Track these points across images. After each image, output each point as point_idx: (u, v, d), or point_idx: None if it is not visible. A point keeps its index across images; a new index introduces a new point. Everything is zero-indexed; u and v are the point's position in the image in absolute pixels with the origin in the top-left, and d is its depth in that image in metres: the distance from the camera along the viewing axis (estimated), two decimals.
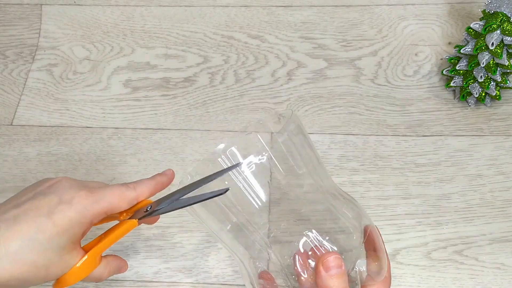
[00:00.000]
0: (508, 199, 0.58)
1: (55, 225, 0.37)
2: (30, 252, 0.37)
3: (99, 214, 0.39)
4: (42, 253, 0.37)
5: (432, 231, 0.56)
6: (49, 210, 0.38)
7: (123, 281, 0.54)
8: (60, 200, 0.38)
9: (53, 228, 0.37)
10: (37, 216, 0.37)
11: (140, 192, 0.42)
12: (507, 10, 0.56)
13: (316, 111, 0.65)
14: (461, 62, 0.61)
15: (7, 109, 0.67)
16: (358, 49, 0.69)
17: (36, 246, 0.37)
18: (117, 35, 0.72)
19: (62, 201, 0.38)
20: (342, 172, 0.60)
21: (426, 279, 0.54)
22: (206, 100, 0.66)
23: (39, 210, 0.38)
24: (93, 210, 0.39)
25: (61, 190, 0.39)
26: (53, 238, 0.37)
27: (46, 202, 0.38)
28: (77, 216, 0.38)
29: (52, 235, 0.37)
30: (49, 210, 0.38)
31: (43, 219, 0.37)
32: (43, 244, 0.37)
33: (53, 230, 0.37)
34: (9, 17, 0.75)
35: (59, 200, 0.38)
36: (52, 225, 0.37)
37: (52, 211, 0.38)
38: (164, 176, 0.44)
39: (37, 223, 0.37)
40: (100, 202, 0.39)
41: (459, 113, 0.64)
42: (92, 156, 0.62)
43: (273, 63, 0.69)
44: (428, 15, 0.72)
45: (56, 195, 0.39)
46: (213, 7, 0.74)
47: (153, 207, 0.41)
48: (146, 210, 0.41)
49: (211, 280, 0.54)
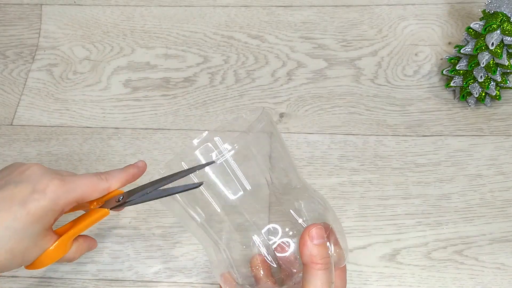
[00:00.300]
0: (508, 199, 0.58)
1: (29, 214, 0.38)
2: (8, 240, 0.38)
3: (71, 203, 0.41)
4: (18, 241, 0.38)
5: (432, 231, 0.56)
6: (23, 199, 0.39)
7: (123, 281, 0.54)
8: (34, 189, 0.39)
9: (27, 216, 0.38)
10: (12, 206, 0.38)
11: (112, 183, 0.43)
12: (507, 10, 0.56)
13: (316, 111, 0.65)
14: (461, 62, 0.61)
15: (7, 109, 0.67)
16: (358, 49, 0.69)
17: (12, 235, 0.38)
18: (117, 35, 0.72)
19: (36, 190, 0.39)
20: (342, 172, 0.60)
21: (426, 279, 0.54)
22: (206, 100, 0.66)
23: (14, 200, 0.38)
24: (66, 199, 0.40)
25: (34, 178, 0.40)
26: (28, 227, 0.38)
27: (19, 190, 0.39)
28: (50, 205, 0.39)
29: (27, 224, 0.38)
30: (23, 199, 0.38)
31: (18, 208, 0.38)
32: (19, 232, 0.38)
33: (28, 219, 0.38)
34: (9, 17, 0.75)
35: (32, 189, 0.39)
36: (26, 214, 0.38)
37: (26, 200, 0.38)
38: (135, 168, 0.46)
39: (12, 212, 0.38)
40: (73, 191, 0.40)
41: (459, 113, 0.64)
42: (92, 156, 0.62)
43: (273, 63, 0.69)
44: (428, 15, 0.72)
45: (29, 183, 0.40)
46: (213, 7, 0.74)
47: (124, 198, 0.43)
48: (118, 200, 0.43)
49: (211, 280, 0.54)
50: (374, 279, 0.54)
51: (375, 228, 0.56)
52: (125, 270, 0.55)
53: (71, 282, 0.54)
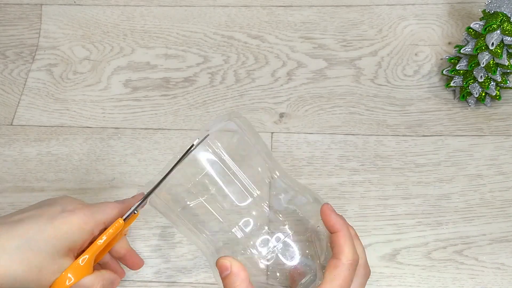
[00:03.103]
0: (508, 199, 0.58)
1: (55, 228, 0.40)
2: (27, 251, 0.38)
3: (99, 224, 0.42)
4: (38, 253, 0.39)
5: (432, 231, 0.56)
6: (52, 215, 0.40)
7: (123, 281, 0.54)
8: (63, 209, 0.41)
9: (52, 230, 0.40)
10: (40, 220, 0.40)
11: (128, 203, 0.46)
12: (507, 10, 0.56)
13: (316, 111, 0.65)
14: (461, 62, 0.61)
15: (7, 109, 0.67)
16: (358, 49, 0.69)
17: (33, 246, 0.39)
18: (117, 35, 0.72)
19: (65, 210, 0.41)
20: (342, 172, 0.60)
21: (426, 279, 0.54)
22: (206, 100, 0.66)
23: (42, 216, 0.40)
24: (93, 219, 0.42)
25: (65, 202, 0.43)
26: (51, 240, 0.39)
27: (49, 209, 0.41)
28: (79, 222, 0.41)
29: (50, 237, 0.39)
30: (51, 216, 0.40)
31: (44, 222, 0.40)
32: (40, 244, 0.39)
33: (52, 232, 0.39)
34: (9, 17, 0.75)
35: (62, 209, 0.41)
36: (51, 228, 0.40)
37: (54, 217, 0.40)
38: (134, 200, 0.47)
39: (38, 225, 0.39)
40: (99, 212, 0.43)
41: (459, 113, 0.64)
42: (92, 156, 0.62)
43: (273, 63, 0.69)
44: (428, 15, 0.72)
45: (60, 205, 0.42)
46: (213, 7, 0.74)
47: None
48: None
49: (211, 280, 0.54)
50: (374, 279, 0.54)
51: (375, 228, 0.56)
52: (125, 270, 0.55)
53: None
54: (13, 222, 0.40)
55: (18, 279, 0.38)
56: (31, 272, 0.39)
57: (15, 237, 0.38)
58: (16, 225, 0.39)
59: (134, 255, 0.48)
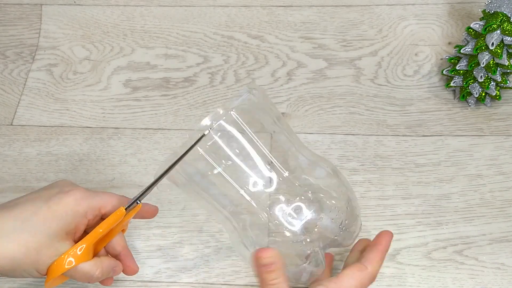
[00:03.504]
0: (508, 199, 0.58)
1: (50, 209, 0.40)
2: (24, 232, 0.39)
3: (94, 208, 0.42)
4: (34, 234, 0.39)
5: (432, 231, 0.56)
6: (48, 197, 0.41)
7: (123, 281, 0.54)
8: (60, 190, 0.41)
9: (47, 211, 0.40)
10: (35, 202, 0.40)
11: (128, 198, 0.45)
12: (507, 10, 0.56)
13: (316, 111, 0.65)
14: (461, 62, 0.61)
15: (7, 109, 0.67)
16: (358, 49, 0.69)
17: (29, 227, 0.39)
18: (117, 35, 0.72)
19: (61, 191, 0.41)
20: (342, 172, 0.60)
21: (426, 279, 0.54)
22: (206, 100, 0.66)
23: (39, 198, 0.41)
24: (89, 201, 0.42)
25: (62, 185, 0.43)
26: (46, 221, 0.39)
27: (46, 191, 0.42)
28: (73, 203, 0.41)
29: (46, 218, 0.39)
30: (47, 197, 0.41)
31: (40, 204, 0.40)
32: (36, 225, 0.39)
33: (48, 214, 0.40)
34: (9, 17, 0.75)
35: (58, 191, 0.41)
36: (47, 209, 0.40)
37: (50, 198, 0.40)
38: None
39: (34, 207, 0.40)
40: (95, 197, 0.42)
41: (459, 113, 0.64)
42: (92, 156, 0.62)
43: (273, 63, 0.69)
44: (428, 15, 0.72)
45: (58, 187, 0.42)
46: (213, 7, 0.74)
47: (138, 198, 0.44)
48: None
49: (211, 280, 0.54)
50: None
51: (375, 228, 0.56)
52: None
53: (71, 282, 0.54)
54: (10, 206, 0.40)
55: (16, 260, 0.38)
56: (29, 253, 0.39)
57: (11, 219, 0.39)
58: (12, 208, 0.40)
59: (129, 258, 0.47)
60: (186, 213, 0.58)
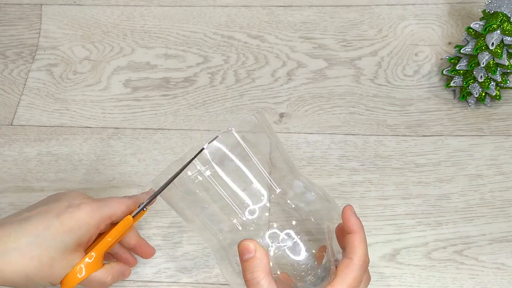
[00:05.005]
0: (508, 199, 0.58)
1: (62, 224, 0.40)
2: (37, 247, 0.39)
3: (106, 218, 0.43)
4: (47, 249, 0.40)
5: (432, 231, 0.56)
6: (59, 212, 0.41)
7: (123, 281, 0.54)
8: (70, 204, 0.42)
9: (60, 226, 0.40)
10: (47, 217, 0.41)
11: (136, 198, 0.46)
12: (507, 10, 0.56)
13: (316, 111, 0.65)
14: (461, 62, 0.61)
15: (7, 109, 0.67)
16: (358, 49, 0.69)
17: (42, 242, 0.39)
18: (117, 35, 0.72)
19: (71, 205, 0.42)
20: (342, 172, 0.60)
21: (426, 279, 0.54)
22: (206, 100, 0.66)
23: (50, 212, 0.41)
24: (100, 213, 0.42)
25: (71, 197, 0.43)
26: (59, 236, 0.40)
27: (56, 206, 0.42)
28: (85, 217, 0.41)
29: (58, 233, 0.40)
30: (58, 212, 0.41)
31: (52, 219, 0.40)
32: (49, 240, 0.40)
33: (60, 229, 0.40)
34: (9, 17, 0.75)
35: (68, 205, 0.42)
36: (59, 224, 0.40)
37: (61, 213, 0.41)
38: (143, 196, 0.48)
39: (45, 222, 0.40)
40: (105, 207, 0.43)
41: (459, 113, 0.64)
42: (92, 156, 0.62)
43: (273, 63, 0.69)
44: (428, 15, 0.72)
45: (66, 200, 0.43)
46: (213, 7, 0.74)
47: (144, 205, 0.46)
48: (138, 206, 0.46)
49: (211, 280, 0.54)
50: (374, 279, 0.54)
51: (375, 228, 0.56)
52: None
53: None
54: (21, 220, 0.40)
55: (30, 276, 0.39)
56: (42, 268, 0.39)
57: (24, 235, 0.39)
58: (24, 223, 0.40)
59: (144, 245, 0.49)
60: None
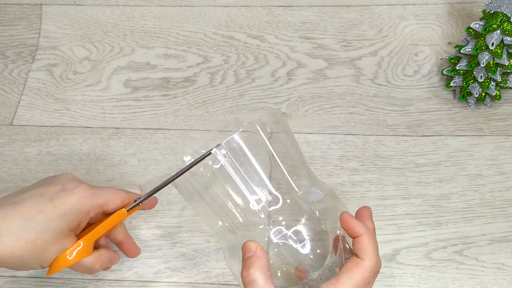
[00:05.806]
0: (508, 199, 0.58)
1: (55, 208, 0.41)
2: (30, 230, 0.40)
3: (97, 206, 0.43)
4: (40, 233, 0.40)
5: (432, 231, 0.56)
6: (52, 195, 0.41)
7: (123, 281, 0.54)
8: (63, 188, 0.42)
9: (52, 210, 0.41)
10: (40, 200, 0.41)
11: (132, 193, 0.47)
12: (507, 10, 0.56)
13: (316, 111, 0.65)
14: (461, 62, 0.61)
15: (7, 109, 0.67)
16: (358, 49, 0.69)
17: (35, 226, 0.40)
18: (117, 35, 0.72)
19: (65, 189, 0.42)
20: (342, 172, 0.60)
21: (426, 279, 0.54)
22: (206, 100, 0.66)
23: (43, 196, 0.41)
24: (92, 201, 0.43)
25: (65, 181, 0.43)
26: (52, 220, 0.41)
27: (49, 189, 0.42)
28: (77, 203, 0.42)
29: (51, 217, 0.41)
30: (51, 196, 0.41)
31: (45, 202, 0.41)
32: (42, 224, 0.40)
33: (53, 213, 0.41)
34: (9, 17, 0.75)
35: (62, 188, 0.42)
36: (52, 208, 0.41)
37: (54, 196, 0.41)
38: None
39: (39, 205, 0.41)
40: (99, 195, 0.44)
41: (459, 113, 0.64)
42: (92, 156, 0.62)
43: (273, 63, 0.69)
44: (428, 15, 0.72)
45: (60, 184, 0.43)
46: (213, 7, 0.74)
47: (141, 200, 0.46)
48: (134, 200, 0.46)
49: (211, 280, 0.54)
50: None
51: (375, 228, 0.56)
52: (125, 270, 0.55)
53: (71, 282, 0.54)
54: (15, 203, 0.41)
55: (24, 258, 0.40)
56: (36, 252, 0.40)
57: (17, 218, 0.40)
58: (17, 206, 0.40)
59: (131, 243, 0.50)
60: (186, 213, 0.58)
